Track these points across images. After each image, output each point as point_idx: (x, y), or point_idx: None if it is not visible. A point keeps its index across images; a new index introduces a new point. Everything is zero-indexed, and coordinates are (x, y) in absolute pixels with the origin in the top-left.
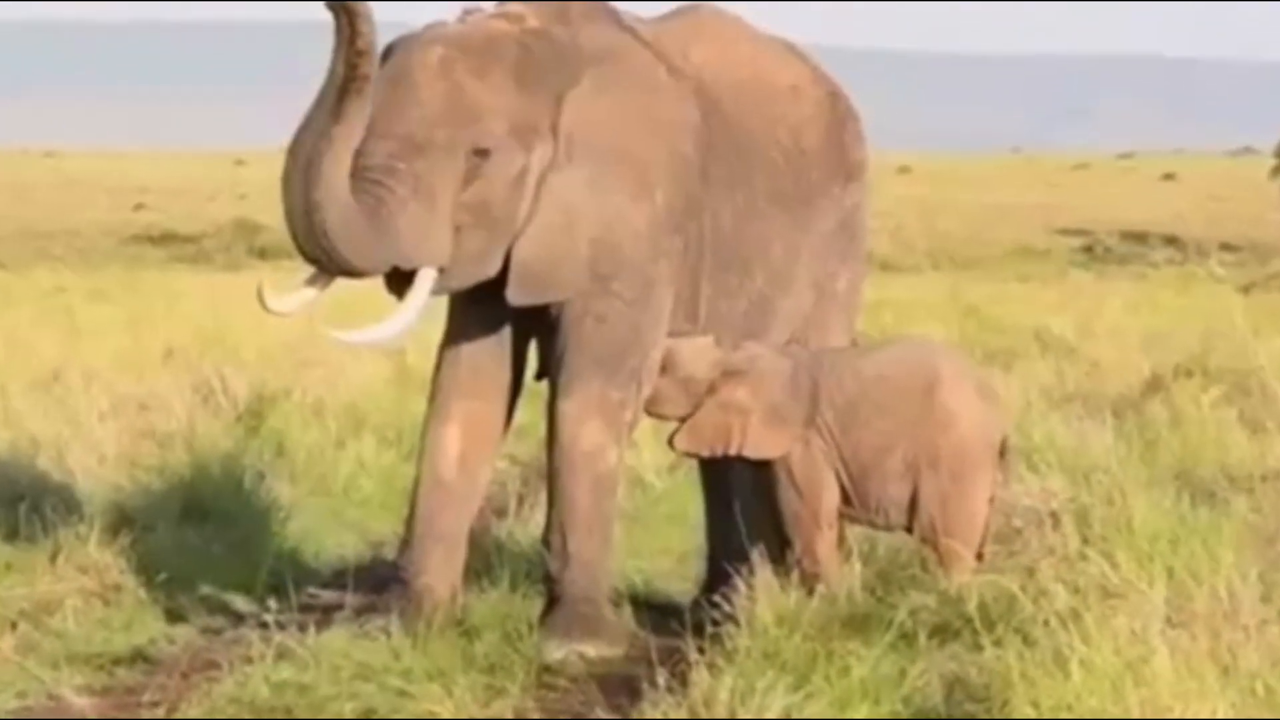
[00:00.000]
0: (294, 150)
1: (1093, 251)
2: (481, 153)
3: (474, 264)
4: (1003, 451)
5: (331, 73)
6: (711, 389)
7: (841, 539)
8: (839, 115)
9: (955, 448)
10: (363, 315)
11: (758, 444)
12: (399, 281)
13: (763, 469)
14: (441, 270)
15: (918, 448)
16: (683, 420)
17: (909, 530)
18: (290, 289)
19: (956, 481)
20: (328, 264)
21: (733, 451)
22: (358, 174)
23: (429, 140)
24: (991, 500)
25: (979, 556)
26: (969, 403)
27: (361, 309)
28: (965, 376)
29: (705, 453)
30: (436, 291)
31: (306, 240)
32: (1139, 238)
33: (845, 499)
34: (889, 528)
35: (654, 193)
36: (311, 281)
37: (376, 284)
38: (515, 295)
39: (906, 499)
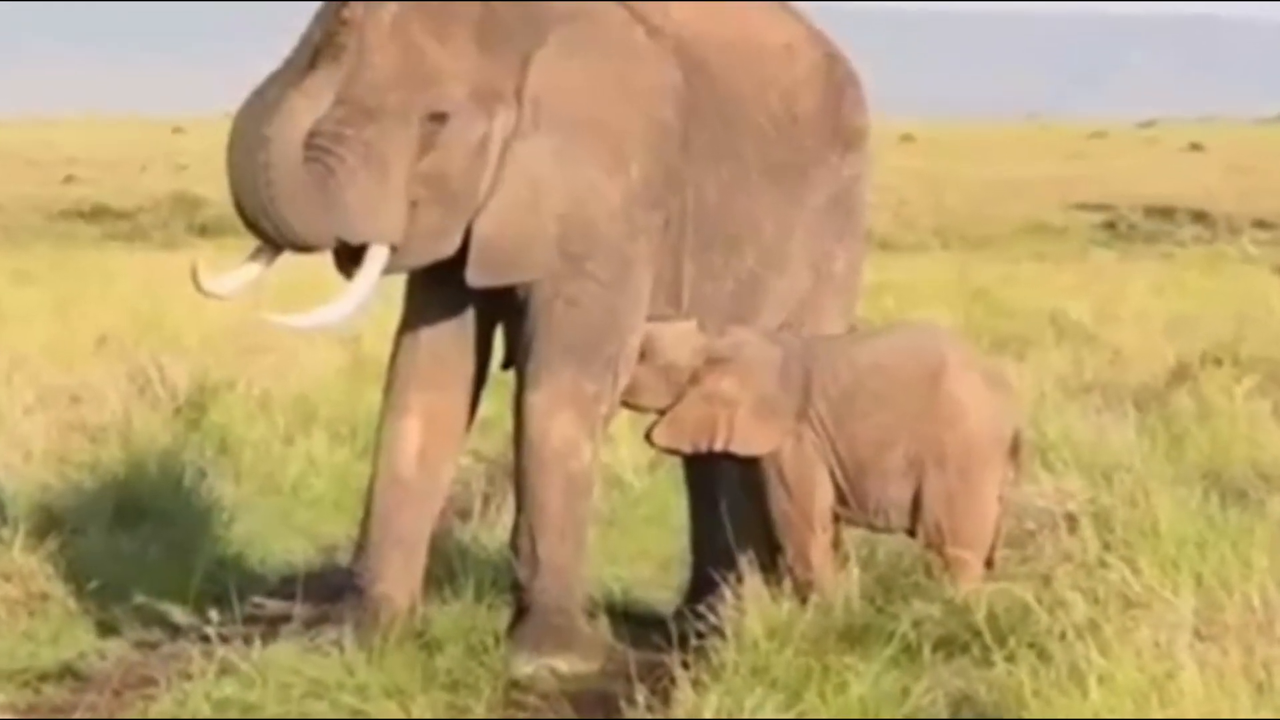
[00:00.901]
0: (248, 107)
1: (1114, 228)
2: (438, 118)
3: (430, 241)
4: (1014, 447)
5: (307, 37)
6: (694, 378)
7: (837, 543)
8: (836, 79)
9: (962, 443)
10: (311, 299)
11: (745, 439)
12: (349, 260)
13: (751, 467)
14: (394, 248)
15: (921, 443)
16: (663, 412)
17: (911, 533)
18: (230, 268)
19: (964, 480)
20: (273, 234)
21: (718, 447)
22: (307, 142)
23: (380, 106)
24: (1002, 501)
25: (989, 563)
26: (977, 393)
27: (310, 293)
28: (972, 365)
29: (687, 448)
30: (390, 270)
31: (251, 206)
32: (1164, 213)
33: (841, 499)
34: (890, 530)
35: (629, 165)
36: (254, 258)
37: (326, 265)
38: (476, 276)
39: (909, 499)
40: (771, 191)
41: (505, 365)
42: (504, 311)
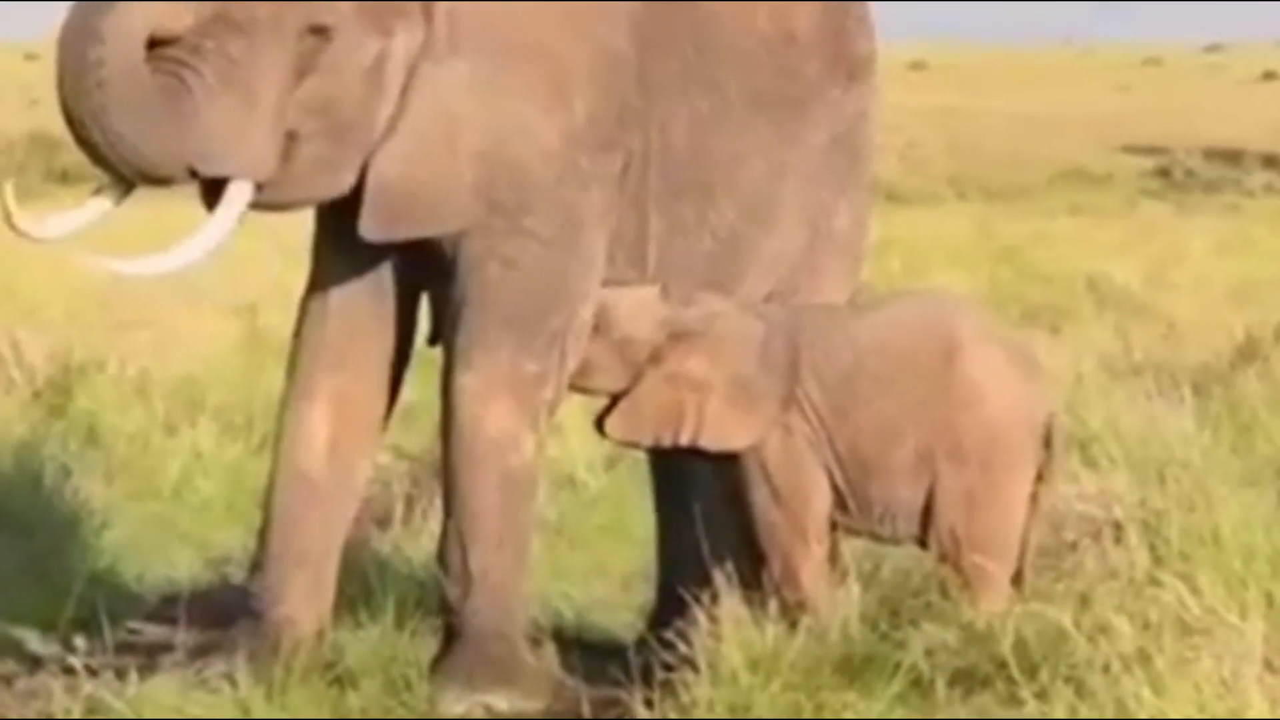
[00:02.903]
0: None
1: (1168, 175)
2: (319, 32)
3: (315, 177)
4: (1047, 439)
5: None
6: (656, 356)
7: (834, 557)
8: None
9: (983, 433)
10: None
11: (718, 431)
12: (215, 191)
13: (729, 465)
14: (261, 186)
15: (934, 434)
16: (618, 397)
17: (923, 544)
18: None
19: (986, 476)
20: (110, 155)
21: (684, 440)
22: (158, 52)
23: (250, 18)
24: (1033, 503)
25: (1017, 578)
26: (1000, 374)
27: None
28: (993, 340)
29: (648, 441)
30: (269, 207)
31: (82, 116)
32: (1229, 157)
33: (840, 504)
34: (897, 540)
35: (571, 99)
36: (98, 194)
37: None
38: (371, 228)
39: (919, 502)
40: (758, 130)
41: (432, 341)
42: (430, 275)
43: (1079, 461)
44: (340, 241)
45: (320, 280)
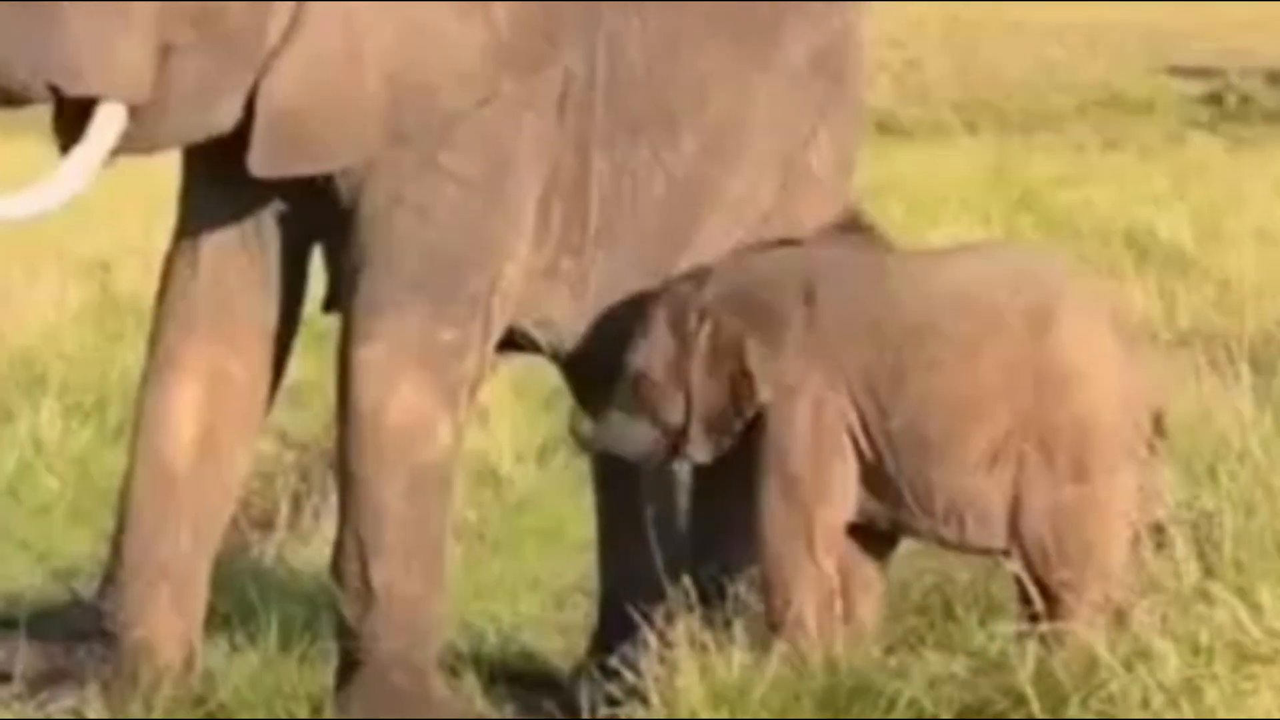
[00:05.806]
0: None
1: (1221, 103)
2: None
3: (195, 104)
4: (1158, 431)
5: None
6: (686, 352)
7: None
8: None
9: (1082, 421)
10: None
11: (769, 370)
12: (74, 127)
13: (753, 455)
14: (136, 112)
15: (1020, 419)
16: (683, 433)
17: (1005, 553)
18: None
19: (1081, 474)
20: None
21: (751, 411)
22: None
23: None
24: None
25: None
26: (1107, 348)
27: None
28: (1101, 306)
29: (737, 436)
30: (136, 149)
31: None
32: None
33: (890, 495)
34: (966, 547)
35: (490, 9)
36: None
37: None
38: (263, 161)
39: (998, 501)
40: (724, 49)
41: (327, 307)
42: (323, 226)
43: None
44: (213, 185)
45: (189, 232)
